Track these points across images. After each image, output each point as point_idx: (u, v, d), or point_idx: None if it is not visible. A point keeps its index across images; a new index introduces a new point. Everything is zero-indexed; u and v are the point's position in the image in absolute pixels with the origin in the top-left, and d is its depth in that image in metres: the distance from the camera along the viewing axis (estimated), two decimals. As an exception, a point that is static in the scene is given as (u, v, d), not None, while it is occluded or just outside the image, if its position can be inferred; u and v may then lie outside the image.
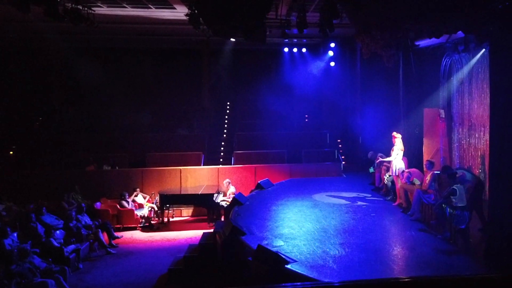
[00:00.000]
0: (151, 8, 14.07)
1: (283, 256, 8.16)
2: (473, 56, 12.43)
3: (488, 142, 9.88)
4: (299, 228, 10.25)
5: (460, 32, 10.30)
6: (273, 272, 7.94)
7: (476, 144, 12.57)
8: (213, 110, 21.52)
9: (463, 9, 8.54)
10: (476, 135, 12.53)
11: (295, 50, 21.57)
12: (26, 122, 19.61)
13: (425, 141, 13.99)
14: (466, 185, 9.69)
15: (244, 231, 9.87)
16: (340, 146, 19.59)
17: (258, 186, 14.60)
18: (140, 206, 15.37)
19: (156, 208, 15.49)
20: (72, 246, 11.61)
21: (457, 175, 9.67)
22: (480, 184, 10.37)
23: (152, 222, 15.29)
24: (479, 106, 12.39)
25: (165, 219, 15.47)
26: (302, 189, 14.43)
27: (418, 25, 10.14)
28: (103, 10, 13.92)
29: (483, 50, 11.74)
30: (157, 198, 15.48)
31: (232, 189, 15.44)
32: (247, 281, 8.86)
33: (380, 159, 13.05)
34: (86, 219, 13.35)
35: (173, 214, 16.21)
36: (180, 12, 13.79)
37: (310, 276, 7.56)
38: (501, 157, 8.06)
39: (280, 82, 21.06)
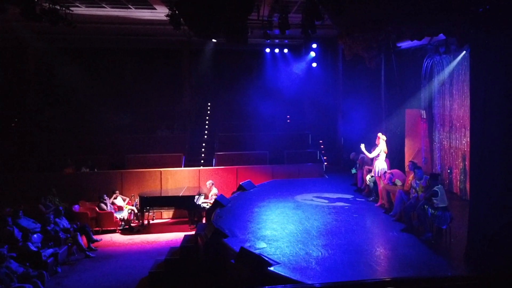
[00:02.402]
0: (130, 8, 13.99)
1: (266, 258, 8.18)
2: (454, 58, 12.66)
3: (468, 143, 10.07)
4: (281, 230, 10.29)
5: (441, 34, 10.49)
6: (256, 275, 7.96)
7: (457, 144, 12.81)
8: (194, 111, 21.46)
9: (445, 12, 8.67)
10: (457, 136, 12.77)
11: (276, 50, 21.65)
12: (1, 123, 19.29)
13: (406, 141, 14.20)
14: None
15: (226, 233, 9.87)
16: (322, 147, 19.73)
17: (240, 188, 14.61)
18: (120, 208, 15.29)
19: (136, 211, 15.42)
20: (50, 250, 11.48)
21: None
22: None
23: (132, 224, 15.24)
24: (459, 107, 12.63)
25: (145, 222, 15.41)
26: (284, 190, 14.49)
27: (400, 27, 10.24)
28: (82, 10, 13.80)
29: (464, 52, 11.97)
30: (137, 200, 15.42)
31: (214, 191, 15.45)
32: (229, 284, 8.87)
33: (364, 150, 12.98)
34: (64, 223, 13.22)
35: (154, 216, 16.14)
36: (160, 13, 13.75)
37: (293, 278, 7.58)
38: (482, 158, 8.20)
39: (262, 83, 21.14)
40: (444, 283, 7.33)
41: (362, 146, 12.83)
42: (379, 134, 12.50)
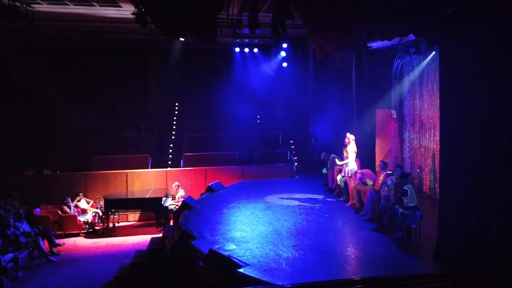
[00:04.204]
0: (95, 6, 13.81)
1: (235, 260, 8.20)
2: (424, 58, 12.95)
3: (438, 143, 10.31)
4: (251, 231, 10.33)
5: (411, 34, 10.71)
6: (225, 277, 7.97)
7: (426, 144, 13.11)
8: (161, 111, 21.30)
9: (415, 13, 8.87)
10: (427, 136, 13.07)
11: (246, 50, 21.71)
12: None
13: (377, 141, 14.47)
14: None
15: (194, 235, 9.86)
16: (292, 147, 19.84)
17: (209, 189, 14.61)
18: (84, 211, 15.09)
19: (100, 213, 15.23)
20: (10, 255, 11.23)
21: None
22: None
23: (96, 228, 15.07)
24: (429, 107, 12.92)
25: (111, 225, 15.26)
26: (254, 191, 14.55)
27: (371, 27, 10.42)
28: (44, 7, 13.55)
29: (433, 52, 12.27)
30: (102, 202, 15.22)
31: (181, 193, 15.38)
32: (198, 287, 8.84)
33: (337, 161, 13.21)
34: (25, 226, 12.96)
35: (119, 219, 15.99)
36: (126, 10, 13.61)
37: (263, 279, 7.62)
38: (451, 157, 8.42)
39: (231, 83, 21.14)
40: (414, 281, 7.54)
41: (337, 161, 13.01)
42: (348, 134, 12.67)
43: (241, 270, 7.98)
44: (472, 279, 7.40)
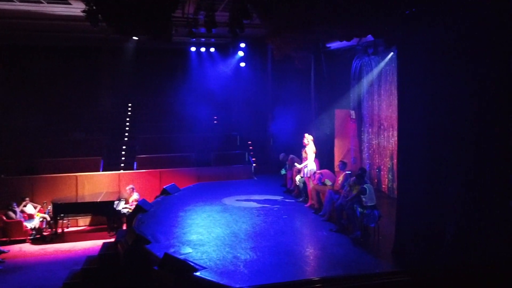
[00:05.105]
0: (42, 3, 13.53)
1: (191, 264, 8.19)
2: (382, 59, 13.31)
3: (396, 142, 10.60)
4: (208, 234, 10.33)
5: (369, 35, 11.00)
6: (181, 281, 7.94)
7: (385, 144, 13.46)
8: (113, 112, 20.99)
9: (372, 14, 9.13)
10: (385, 135, 13.43)
11: (203, 49, 21.64)
12: None
13: (336, 141, 14.73)
14: None
15: (148, 239, 9.78)
16: (251, 148, 19.93)
17: (164, 192, 14.51)
18: (30, 216, 14.72)
19: (48, 218, 14.91)
20: (-50, 263, 10.88)
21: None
22: None
23: (44, 233, 14.76)
24: (387, 107, 13.27)
25: (59, 230, 14.96)
26: (211, 193, 14.55)
27: (329, 28, 10.63)
28: None
29: (391, 53, 12.63)
30: (50, 207, 14.91)
31: (135, 196, 15.22)
32: (152, 292, 8.78)
33: (296, 165, 13.37)
34: (-34, 233, 12.57)
35: (68, 224, 15.69)
36: (76, 8, 13.37)
37: (220, 282, 7.64)
38: (408, 156, 8.69)
39: (188, 83, 21.04)
40: (372, 280, 7.73)
41: (297, 165, 13.17)
42: (306, 135, 12.84)
43: (197, 273, 7.97)
44: (429, 276, 7.65)
